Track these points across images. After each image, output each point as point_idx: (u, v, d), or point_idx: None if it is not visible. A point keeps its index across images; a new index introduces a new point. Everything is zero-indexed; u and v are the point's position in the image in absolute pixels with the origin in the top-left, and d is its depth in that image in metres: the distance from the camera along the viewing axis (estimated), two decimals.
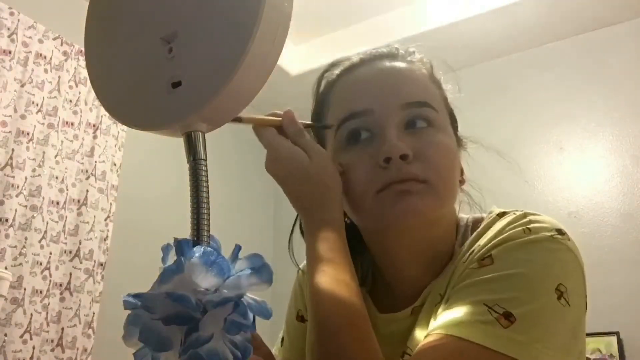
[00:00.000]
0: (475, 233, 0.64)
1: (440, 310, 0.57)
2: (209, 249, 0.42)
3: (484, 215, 0.68)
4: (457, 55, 2.96)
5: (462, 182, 0.70)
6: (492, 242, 0.57)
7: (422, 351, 0.52)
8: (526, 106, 2.92)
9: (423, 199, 0.60)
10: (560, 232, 0.58)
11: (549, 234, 0.57)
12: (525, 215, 0.60)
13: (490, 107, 2.91)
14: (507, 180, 2.77)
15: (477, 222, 0.67)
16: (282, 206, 3.80)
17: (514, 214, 0.61)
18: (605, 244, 2.53)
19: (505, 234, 0.57)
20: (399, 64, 0.68)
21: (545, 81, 2.91)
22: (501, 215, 0.63)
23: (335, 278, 0.56)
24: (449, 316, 0.53)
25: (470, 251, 0.61)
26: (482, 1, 2.79)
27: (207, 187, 0.45)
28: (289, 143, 0.63)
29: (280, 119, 0.65)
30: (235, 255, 0.44)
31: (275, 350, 0.81)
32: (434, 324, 0.55)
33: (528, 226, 0.57)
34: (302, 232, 0.70)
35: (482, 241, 0.60)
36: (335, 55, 0.76)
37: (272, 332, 0.85)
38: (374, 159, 0.62)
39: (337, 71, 0.72)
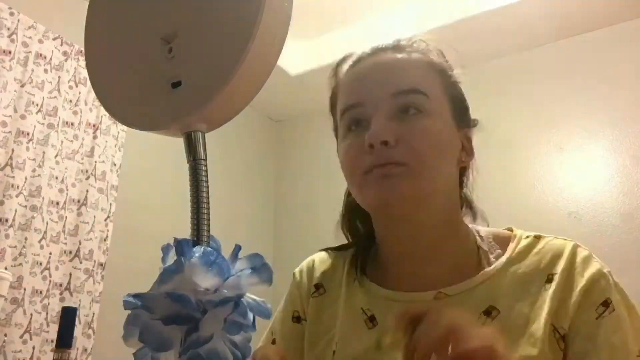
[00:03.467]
0: (520, 252, 0.69)
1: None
2: (209, 249, 0.42)
3: (499, 230, 0.74)
4: (456, 55, 2.96)
5: (463, 162, 0.73)
6: (587, 277, 0.64)
7: None
8: (526, 106, 2.92)
9: (402, 181, 0.65)
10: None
11: (606, 266, 0.67)
12: (576, 245, 0.69)
13: (490, 107, 2.90)
14: (507, 180, 2.78)
15: (499, 237, 0.73)
16: (282, 206, 3.81)
17: (557, 238, 0.70)
18: (605, 244, 2.53)
19: (594, 270, 0.65)
20: (395, 55, 0.73)
21: (545, 81, 2.91)
22: (538, 237, 0.70)
23: None
24: None
25: (529, 271, 0.67)
26: (482, 1, 2.78)
27: (207, 187, 0.45)
28: None
29: None
30: (235, 255, 0.44)
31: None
32: None
33: (596, 262, 0.67)
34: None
35: (557, 269, 0.66)
36: (335, 55, 0.80)
37: None
38: (362, 145, 0.67)
39: (345, 65, 0.77)
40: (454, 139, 0.71)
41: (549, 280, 0.65)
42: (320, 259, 0.84)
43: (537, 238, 0.70)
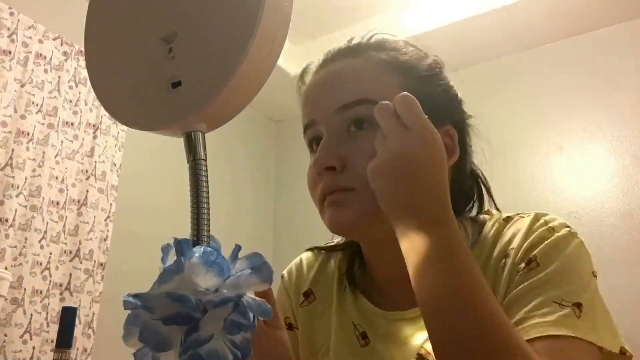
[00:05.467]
0: (488, 237, 0.65)
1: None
2: (209, 249, 0.42)
3: (481, 217, 0.68)
4: (456, 55, 2.96)
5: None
6: (525, 245, 0.60)
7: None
8: (526, 106, 2.92)
9: (349, 209, 0.60)
10: (568, 225, 0.62)
11: (567, 229, 0.61)
12: (538, 215, 0.63)
13: (490, 107, 2.90)
14: (507, 180, 2.77)
15: (476, 223, 0.67)
16: (282, 206, 3.81)
17: (522, 217, 0.64)
18: (605, 244, 2.53)
19: (534, 236, 0.60)
20: (343, 63, 0.66)
21: (545, 81, 2.92)
22: (507, 219, 0.65)
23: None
24: (530, 321, 0.54)
25: (493, 256, 0.62)
26: (482, 1, 2.79)
27: (207, 187, 0.45)
28: None
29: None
30: (235, 255, 0.44)
31: None
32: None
33: (549, 226, 0.61)
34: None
35: (513, 244, 0.61)
36: None
37: None
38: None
39: (305, 79, 0.72)
40: None
41: (507, 255, 0.61)
42: (308, 261, 0.80)
43: (506, 220, 0.65)
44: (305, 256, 0.82)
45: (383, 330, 0.67)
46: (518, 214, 0.66)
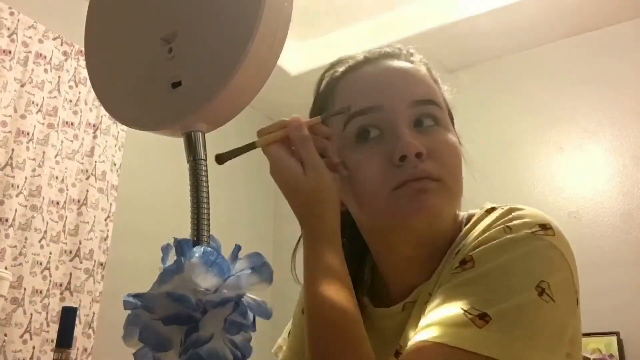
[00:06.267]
0: (464, 230, 0.64)
1: (424, 313, 0.58)
2: (209, 249, 0.42)
3: (477, 211, 0.68)
4: (457, 55, 2.96)
5: None
6: (474, 244, 0.58)
7: (406, 358, 0.53)
8: (526, 106, 2.92)
9: (438, 197, 0.60)
10: (543, 227, 0.57)
11: (529, 230, 0.56)
12: (510, 211, 0.60)
13: (491, 107, 2.91)
14: (507, 180, 2.77)
15: (470, 218, 0.67)
16: (283, 206, 3.80)
17: (502, 208, 0.61)
18: (605, 244, 2.53)
19: (486, 236, 0.57)
20: (404, 64, 0.69)
21: (545, 81, 2.91)
22: (490, 210, 0.63)
23: (327, 285, 0.56)
24: (430, 321, 0.53)
25: (457, 250, 0.62)
26: (482, 1, 2.78)
27: (207, 187, 0.45)
28: (287, 156, 0.65)
29: (287, 130, 0.65)
30: (235, 255, 0.44)
31: (280, 340, 0.81)
32: (418, 329, 0.55)
33: (508, 224, 0.57)
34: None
35: (468, 239, 0.60)
36: (335, 55, 0.75)
37: (272, 332, 0.85)
38: (387, 157, 0.61)
39: (341, 69, 0.71)
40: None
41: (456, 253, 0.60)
42: None
43: (488, 211, 0.63)
44: None
45: (374, 325, 0.68)
46: (502, 205, 0.63)
